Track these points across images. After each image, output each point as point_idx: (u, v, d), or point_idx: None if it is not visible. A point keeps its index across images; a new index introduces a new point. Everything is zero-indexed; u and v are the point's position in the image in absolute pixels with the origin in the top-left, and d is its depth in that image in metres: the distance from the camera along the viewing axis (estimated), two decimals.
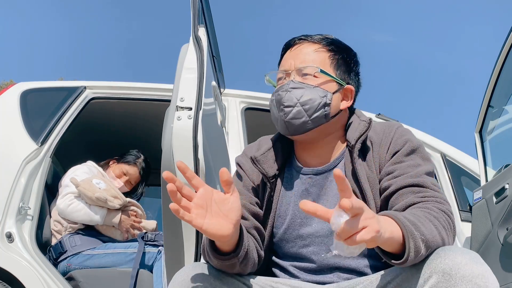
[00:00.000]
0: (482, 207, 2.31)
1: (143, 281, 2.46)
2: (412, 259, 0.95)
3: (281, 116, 1.24)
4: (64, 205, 2.55)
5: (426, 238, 0.96)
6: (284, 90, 1.24)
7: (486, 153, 2.66)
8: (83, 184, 2.56)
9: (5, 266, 2.30)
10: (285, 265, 1.25)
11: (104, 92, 3.07)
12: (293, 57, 1.29)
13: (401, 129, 1.26)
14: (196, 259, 1.81)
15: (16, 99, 2.84)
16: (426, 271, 0.95)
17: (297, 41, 1.31)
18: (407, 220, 0.98)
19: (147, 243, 2.56)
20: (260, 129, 3.23)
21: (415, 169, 1.16)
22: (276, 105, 1.25)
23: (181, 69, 1.90)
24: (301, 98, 1.22)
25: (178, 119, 1.79)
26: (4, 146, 2.61)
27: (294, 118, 1.22)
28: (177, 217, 0.95)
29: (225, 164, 2.63)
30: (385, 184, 1.17)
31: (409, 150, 1.20)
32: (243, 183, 1.30)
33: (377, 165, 1.21)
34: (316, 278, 1.20)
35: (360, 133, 1.22)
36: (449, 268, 0.92)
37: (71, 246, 2.54)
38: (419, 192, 1.12)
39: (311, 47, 1.29)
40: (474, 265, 0.92)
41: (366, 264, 1.19)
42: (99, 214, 2.58)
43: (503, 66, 2.50)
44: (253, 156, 1.28)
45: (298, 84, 1.24)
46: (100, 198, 2.53)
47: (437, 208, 1.07)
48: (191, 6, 1.94)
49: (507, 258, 2.05)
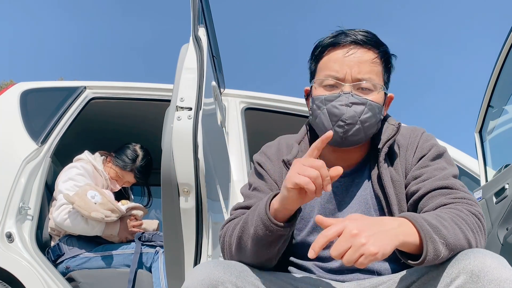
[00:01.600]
0: (482, 207, 2.31)
1: (143, 281, 2.46)
2: (430, 261, 0.96)
3: (338, 131, 1.19)
4: (60, 219, 2.47)
5: (448, 241, 0.97)
6: (343, 104, 1.19)
7: (486, 153, 2.66)
8: (78, 202, 2.43)
9: (5, 266, 2.30)
10: (305, 265, 1.25)
11: (104, 92, 3.06)
12: (349, 65, 1.21)
13: (426, 134, 1.28)
14: (196, 260, 1.81)
15: (16, 99, 2.84)
16: (454, 271, 0.95)
17: (350, 44, 1.23)
18: (427, 222, 0.98)
19: (144, 244, 2.55)
20: (260, 129, 3.24)
21: (442, 172, 1.17)
22: (331, 117, 1.20)
23: (181, 69, 1.90)
24: (362, 115, 1.19)
25: (178, 119, 1.79)
26: (4, 146, 2.61)
27: (353, 135, 1.20)
28: (177, 218, 0.95)
29: (225, 164, 2.63)
30: (414, 188, 1.17)
31: (435, 155, 1.21)
32: (265, 183, 1.29)
33: (403, 168, 1.22)
34: (336, 277, 1.20)
35: (388, 137, 1.23)
36: (478, 270, 0.92)
37: (69, 248, 2.52)
38: (449, 194, 1.12)
39: (367, 55, 1.23)
40: (503, 269, 0.92)
41: (387, 268, 1.19)
42: (97, 227, 2.52)
43: (503, 66, 2.50)
44: (286, 159, 1.27)
45: (359, 99, 1.19)
46: (96, 218, 2.44)
47: (467, 210, 1.07)
48: (191, 6, 1.94)
49: (507, 258, 2.05)
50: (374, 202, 1.22)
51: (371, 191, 1.23)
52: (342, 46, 1.23)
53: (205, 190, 1.81)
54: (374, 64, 1.23)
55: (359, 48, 1.23)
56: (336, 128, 1.20)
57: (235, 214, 1.24)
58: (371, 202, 1.22)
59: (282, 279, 1.15)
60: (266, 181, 1.29)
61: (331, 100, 1.20)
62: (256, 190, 1.28)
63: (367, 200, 1.23)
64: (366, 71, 1.21)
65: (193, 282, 1.02)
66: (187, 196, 1.77)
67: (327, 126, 1.21)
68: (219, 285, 1.01)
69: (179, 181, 1.76)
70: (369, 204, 1.22)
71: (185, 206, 1.77)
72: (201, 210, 1.80)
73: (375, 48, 1.24)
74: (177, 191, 1.76)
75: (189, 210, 1.77)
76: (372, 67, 1.22)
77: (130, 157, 2.86)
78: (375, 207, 1.22)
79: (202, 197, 1.81)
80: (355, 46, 1.23)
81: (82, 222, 2.47)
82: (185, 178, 1.76)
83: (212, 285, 1.01)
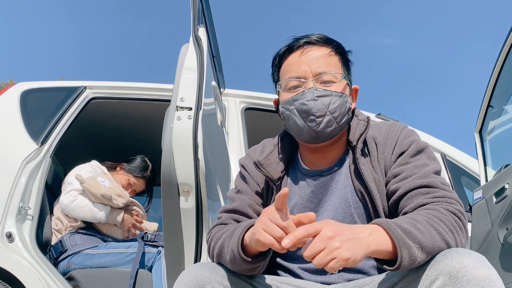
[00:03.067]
0: (482, 207, 2.31)
1: (143, 281, 2.46)
2: (407, 266, 0.96)
3: (311, 126, 1.21)
4: (67, 201, 2.56)
5: (423, 245, 0.96)
6: (309, 99, 1.21)
7: (486, 153, 2.66)
8: (88, 181, 2.56)
9: (5, 266, 2.30)
10: (290, 267, 1.25)
11: (104, 92, 3.07)
12: (306, 63, 1.25)
13: (407, 129, 1.26)
14: (196, 260, 1.81)
15: (16, 99, 2.84)
16: (433, 272, 0.95)
17: (304, 45, 1.28)
18: (400, 228, 0.97)
19: (146, 243, 2.56)
20: (260, 129, 3.24)
21: (423, 169, 1.15)
22: (302, 115, 1.22)
23: (181, 69, 1.90)
24: (330, 106, 1.21)
25: (178, 119, 1.79)
26: (4, 146, 2.61)
27: (326, 127, 1.21)
28: (177, 218, 0.96)
29: (225, 164, 2.63)
30: (393, 187, 1.16)
31: (415, 151, 1.20)
32: (248, 185, 1.31)
33: (382, 165, 1.21)
34: (321, 279, 1.20)
35: (360, 133, 1.23)
36: (456, 271, 0.92)
37: (71, 245, 2.54)
38: (428, 193, 1.10)
39: (321, 50, 1.27)
40: (481, 268, 0.91)
41: (372, 265, 1.19)
42: (103, 211, 2.58)
43: (503, 66, 2.50)
44: (256, 161, 1.29)
45: (323, 91, 1.22)
46: (105, 195, 2.54)
47: (446, 210, 1.05)
48: (191, 6, 1.94)
49: (507, 258, 2.05)
50: (355, 199, 1.22)
51: (351, 189, 1.23)
52: (296, 49, 1.28)
53: (205, 190, 1.81)
54: (330, 56, 1.27)
55: (313, 46, 1.28)
56: (309, 124, 1.22)
57: (222, 219, 1.26)
58: (351, 199, 1.22)
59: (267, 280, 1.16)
60: (249, 184, 1.31)
61: (297, 99, 1.23)
62: (240, 193, 1.30)
63: (347, 197, 1.23)
64: (324, 65, 1.25)
65: (180, 284, 1.04)
66: (187, 196, 1.77)
67: (300, 125, 1.23)
68: (206, 284, 1.03)
69: (179, 181, 1.76)
70: (349, 202, 1.22)
71: (185, 206, 1.77)
72: (201, 210, 1.80)
73: (328, 44, 1.28)
74: (177, 191, 1.77)
75: (189, 210, 1.77)
76: (329, 60, 1.26)
77: (143, 165, 3.02)
78: (355, 205, 1.22)
79: (202, 197, 1.81)
80: (309, 46, 1.28)
81: (90, 204, 2.56)
82: (185, 178, 1.76)
83: (199, 285, 1.03)
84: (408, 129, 1.26)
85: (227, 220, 1.25)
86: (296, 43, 1.29)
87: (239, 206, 1.26)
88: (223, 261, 1.13)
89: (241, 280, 1.11)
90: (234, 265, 1.09)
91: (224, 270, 1.10)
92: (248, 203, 1.26)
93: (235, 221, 1.24)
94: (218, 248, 1.14)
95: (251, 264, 1.07)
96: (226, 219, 1.25)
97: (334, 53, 1.28)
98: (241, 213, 1.25)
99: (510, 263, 2.02)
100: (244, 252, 1.07)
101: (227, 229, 1.18)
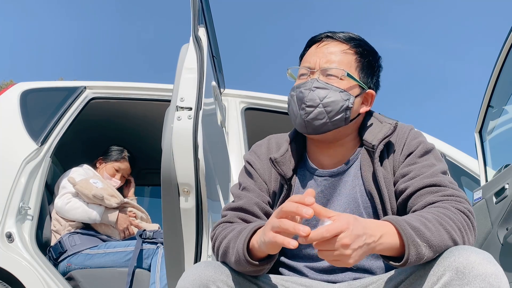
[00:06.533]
0: (482, 207, 2.31)
1: (142, 281, 2.46)
2: (413, 263, 0.97)
3: (301, 114, 1.22)
4: (62, 203, 2.61)
5: (431, 243, 0.97)
6: (307, 88, 1.22)
7: (486, 153, 2.66)
8: (81, 183, 2.61)
9: (5, 266, 2.30)
10: (295, 265, 1.25)
11: (104, 92, 3.07)
12: (319, 55, 1.26)
13: (414, 131, 1.27)
14: (196, 260, 1.81)
15: (16, 99, 2.84)
16: (440, 268, 0.96)
17: (324, 38, 1.28)
18: (410, 226, 0.98)
19: (145, 241, 2.56)
20: (260, 129, 3.24)
21: (430, 169, 1.16)
22: (297, 102, 1.24)
23: (181, 69, 1.90)
24: (324, 99, 1.21)
25: (178, 119, 1.79)
26: (4, 146, 2.61)
27: (315, 118, 1.21)
28: (177, 218, 0.96)
29: (225, 164, 2.63)
30: (402, 186, 1.17)
31: (423, 151, 1.21)
32: (255, 182, 1.29)
33: (391, 166, 1.22)
34: (328, 277, 1.20)
35: (385, 135, 1.22)
36: (462, 267, 0.93)
37: (71, 245, 2.54)
38: (437, 192, 1.11)
39: (338, 47, 1.27)
40: (487, 264, 0.93)
41: (379, 266, 1.19)
42: (96, 211, 2.61)
43: (503, 66, 2.50)
44: (273, 158, 1.26)
45: (323, 84, 1.22)
46: (96, 195, 2.57)
47: (455, 208, 1.06)
48: (191, 6, 1.94)
49: (507, 258, 2.05)
50: (364, 199, 1.22)
51: (360, 189, 1.23)
52: (318, 40, 1.30)
53: (205, 190, 1.81)
54: (345, 54, 1.26)
55: (332, 41, 1.28)
56: (300, 112, 1.23)
57: (228, 217, 1.23)
58: (360, 199, 1.22)
59: (273, 279, 1.15)
60: (256, 180, 1.29)
61: (299, 87, 1.25)
62: (246, 190, 1.28)
63: (356, 197, 1.23)
64: (334, 60, 1.25)
65: (184, 283, 1.04)
66: (187, 196, 1.77)
67: (295, 111, 1.24)
68: (211, 284, 1.03)
69: (179, 181, 1.76)
70: (358, 203, 1.22)
71: (185, 206, 1.77)
72: (201, 210, 1.80)
73: (348, 42, 1.28)
74: (177, 191, 1.77)
75: (189, 210, 1.77)
76: (342, 57, 1.25)
77: (117, 149, 3.08)
78: (364, 205, 1.22)
79: (202, 197, 1.81)
80: (328, 40, 1.28)
81: (83, 205, 2.60)
82: (185, 178, 1.76)
83: (204, 285, 1.02)
84: (415, 131, 1.28)
85: (232, 218, 1.22)
86: (320, 35, 1.30)
87: (245, 204, 1.23)
88: (228, 261, 1.12)
89: (246, 279, 1.10)
90: (239, 266, 1.08)
91: (228, 270, 1.09)
92: (254, 201, 1.24)
93: (241, 220, 1.22)
94: (224, 248, 1.13)
95: (257, 267, 1.07)
96: (232, 217, 1.22)
97: (351, 52, 1.27)
98: (248, 211, 1.23)
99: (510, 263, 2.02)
100: (249, 255, 1.06)
101: (233, 228, 1.16)
